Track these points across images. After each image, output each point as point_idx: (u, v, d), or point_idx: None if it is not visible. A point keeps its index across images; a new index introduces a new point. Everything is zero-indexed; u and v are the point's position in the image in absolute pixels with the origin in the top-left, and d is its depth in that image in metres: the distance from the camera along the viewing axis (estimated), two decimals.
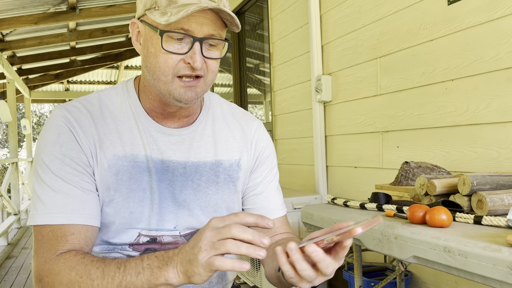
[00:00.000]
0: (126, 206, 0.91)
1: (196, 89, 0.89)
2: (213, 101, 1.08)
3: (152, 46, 0.87)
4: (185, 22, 0.83)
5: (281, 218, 1.09)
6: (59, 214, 0.84)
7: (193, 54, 0.84)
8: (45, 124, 0.93)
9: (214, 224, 0.72)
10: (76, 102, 0.95)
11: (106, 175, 0.90)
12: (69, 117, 0.90)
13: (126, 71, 9.22)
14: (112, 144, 0.92)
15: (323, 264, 0.69)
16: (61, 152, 0.87)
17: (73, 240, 0.83)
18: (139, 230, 0.93)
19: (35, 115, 18.96)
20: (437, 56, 1.78)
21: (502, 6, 1.50)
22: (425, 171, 1.55)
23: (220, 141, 1.02)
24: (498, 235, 0.95)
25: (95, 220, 0.88)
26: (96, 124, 0.92)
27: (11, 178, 6.60)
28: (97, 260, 0.79)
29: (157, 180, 0.94)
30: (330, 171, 2.60)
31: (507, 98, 1.50)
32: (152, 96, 0.95)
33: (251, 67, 4.42)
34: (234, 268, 0.67)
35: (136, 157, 0.92)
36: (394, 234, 1.11)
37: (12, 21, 4.76)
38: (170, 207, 0.95)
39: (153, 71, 0.88)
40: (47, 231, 0.84)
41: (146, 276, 0.74)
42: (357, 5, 2.29)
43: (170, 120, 0.98)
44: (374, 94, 2.17)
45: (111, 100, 0.97)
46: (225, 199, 1.01)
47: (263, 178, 1.08)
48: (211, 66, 0.89)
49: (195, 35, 0.84)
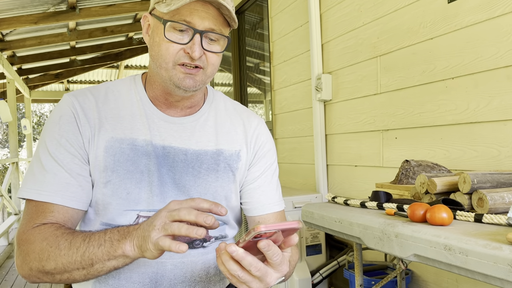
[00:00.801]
0: (123, 187, 0.95)
1: (195, 77, 0.94)
2: (217, 96, 1.13)
3: (157, 36, 0.93)
4: (188, 15, 0.89)
5: (277, 214, 1.10)
6: (44, 192, 0.90)
7: (193, 44, 0.90)
8: (54, 107, 1.01)
9: (171, 206, 0.78)
10: (84, 88, 1.03)
11: (104, 156, 0.95)
12: (73, 100, 0.97)
13: (126, 70, 9.22)
14: (112, 127, 0.97)
15: (246, 262, 0.69)
16: (59, 133, 0.94)
17: (51, 217, 0.90)
18: (137, 211, 0.96)
19: (35, 115, 18.96)
20: (437, 55, 1.78)
21: (502, 4, 1.50)
22: (425, 170, 1.54)
23: (221, 132, 1.07)
24: (498, 233, 0.95)
25: (76, 202, 0.93)
26: (99, 108, 0.98)
27: (12, 178, 6.61)
28: (67, 233, 0.85)
29: (157, 164, 0.97)
30: (330, 169, 2.60)
31: (507, 96, 1.50)
32: (156, 85, 1.00)
33: (251, 66, 4.42)
34: (171, 248, 0.72)
35: (135, 141, 0.97)
36: (395, 232, 1.11)
37: (12, 21, 4.76)
38: (170, 191, 0.98)
39: (156, 59, 0.94)
40: (32, 205, 0.91)
41: (107, 248, 0.81)
42: (357, 3, 2.28)
43: (173, 110, 1.03)
44: (374, 92, 2.17)
45: (117, 88, 1.03)
46: (224, 187, 1.04)
47: (261, 173, 1.10)
48: (211, 59, 0.94)
49: (196, 27, 0.90)
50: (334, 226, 1.41)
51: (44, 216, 0.90)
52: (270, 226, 0.67)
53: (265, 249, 0.69)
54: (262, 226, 0.66)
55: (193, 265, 1.00)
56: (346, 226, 1.34)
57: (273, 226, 0.67)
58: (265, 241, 0.68)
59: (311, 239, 2.39)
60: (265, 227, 0.66)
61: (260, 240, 0.68)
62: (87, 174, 0.95)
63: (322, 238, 2.43)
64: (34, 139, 16.80)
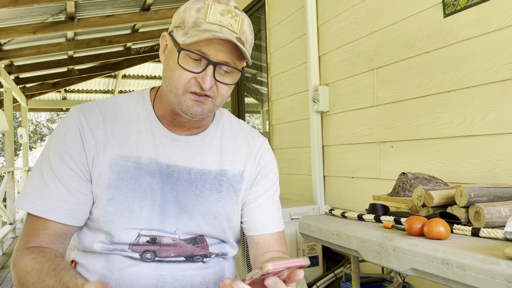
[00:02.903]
0: (126, 205, 0.95)
1: (203, 106, 0.94)
2: (224, 115, 1.14)
3: (171, 60, 0.94)
4: (204, 46, 0.89)
5: (276, 234, 1.09)
6: (40, 206, 0.92)
7: (205, 75, 0.91)
8: (60, 120, 1.02)
9: None
10: (92, 102, 1.03)
11: (108, 173, 0.95)
12: (80, 116, 0.98)
13: (123, 80, 9.22)
14: (118, 144, 0.97)
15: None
16: (64, 148, 0.95)
17: (43, 235, 0.92)
18: (138, 230, 0.96)
19: (32, 123, 18.90)
20: (434, 68, 1.80)
21: (498, 19, 1.52)
22: (422, 182, 1.55)
23: (226, 152, 1.07)
24: (495, 247, 0.95)
25: (71, 219, 0.94)
26: (106, 124, 0.99)
27: (7, 187, 6.56)
28: (46, 270, 0.86)
29: (160, 183, 0.98)
30: (327, 181, 2.61)
31: (503, 110, 1.51)
32: (165, 104, 1.01)
33: (249, 77, 4.44)
34: None
35: (140, 159, 0.98)
36: (392, 246, 1.11)
37: (10, 30, 4.77)
38: (172, 210, 0.98)
39: (168, 82, 0.94)
40: (30, 219, 0.94)
41: None
42: (353, 16, 2.31)
43: (180, 129, 1.03)
44: (371, 105, 2.18)
45: (125, 104, 1.04)
46: (226, 208, 1.04)
47: (263, 193, 1.10)
48: (221, 90, 0.95)
49: (210, 59, 0.90)
50: (332, 239, 1.41)
51: (37, 234, 0.93)
52: (278, 264, 0.66)
53: (271, 287, 0.69)
54: (270, 264, 0.65)
55: (192, 279, 1.00)
56: (344, 239, 1.34)
57: (281, 264, 0.66)
58: (272, 279, 0.68)
59: (308, 251, 2.39)
60: (273, 266, 0.65)
61: (267, 277, 0.68)
62: (86, 190, 0.96)
63: (319, 250, 2.42)
64: (30, 148, 16.73)
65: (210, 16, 0.89)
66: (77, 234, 1.03)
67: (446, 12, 1.72)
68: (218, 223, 1.03)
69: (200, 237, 1.02)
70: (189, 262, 1.00)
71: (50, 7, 4.48)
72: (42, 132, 19.26)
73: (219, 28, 0.89)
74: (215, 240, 1.04)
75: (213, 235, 1.03)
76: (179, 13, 0.95)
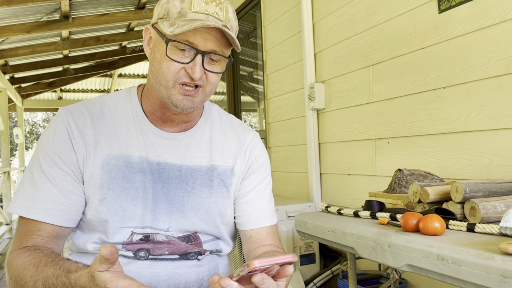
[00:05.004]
0: (119, 204, 0.95)
1: (194, 99, 0.94)
2: (213, 110, 1.13)
3: (158, 52, 0.93)
4: (191, 35, 0.89)
5: (268, 228, 1.09)
6: (33, 209, 0.92)
7: (194, 65, 0.90)
8: (49, 122, 1.00)
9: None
10: (79, 103, 1.02)
11: (100, 173, 0.95)
12: (68, 116, 0.97)
13: (119, 79, 9.20)
14: (108, 144, 0.97)
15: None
16: (53, 150, 0.94)
17: (37, 237, 0.92)
18: (131, 228, 0.96)
19: (28, 123, 18.83)
20: (429, 64, 1.79)
21: (493, 14, 1.52)
22: (418, 179, 1.55)
23: (216, 147, 1.06)
24: (491, 242, 0.95)
25: (64, 220, 0.94)
26: (94, 124, 0.98)
27: (3, 187, 6.53)
28: (44, 262, 0.86)
29: (151, 181, 0.98)
30: (324, 178, 2.60)
31: (498, 105, 1.51)
32: (154, 99, 1.00)
33: (245, 75, 4.43)
34: None
35: (131, 158, 0.97)
36: (388, 242, 1.11)
37: (4, 30, 4.75)
38: (164, 207, 0.98)
39: (156, 76, 0.93)
40: (23, 222, 0.94)
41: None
42: (349, 13, 2.30)
43: (169, 125, 1.03)
44: (367, 101, 2.18)
45: (113, 103, 1.03)
46: (218, 203, 1.03)
47: (254, 187, 1.09)
48: (211, 78, 0.95)
49: (198, 48, 0.90)
50: (328, 236, 1.41)
51: (31, 235, 0.92)
52: (265, 261, 0.65)
53: (259, 283, 0.68)
54: (256, 261, 0.64)
55: (187, 276, 0.99)
56: (340, 236, 1.34)
57: (267, 261, 0.65)
58: (259, 276, 0.67)
59: (305, 248, 2.38)
60: (259, 263, 0.64)
61: (254, 274, 0.67)
62: (78, 191, 0.95)
63: (316, 248, 2.42)
64: (27, 148, 16.67)
65: (195, 5, 0.89)
66: (69, 235, 1.02)
67: (441, 8, 1.72)
68: (211, 218, 1.02)
69: (194, 235, 1.02)
70: (183, 259, 1.00)
71: (44, 6, 4.46)
72: (38, 132, 19.19)
73: (205, 17, 0.89)
74: (209, 236, 1.04)
75: (207, 231, 1.03)
76: (161, 5, 0.94)
